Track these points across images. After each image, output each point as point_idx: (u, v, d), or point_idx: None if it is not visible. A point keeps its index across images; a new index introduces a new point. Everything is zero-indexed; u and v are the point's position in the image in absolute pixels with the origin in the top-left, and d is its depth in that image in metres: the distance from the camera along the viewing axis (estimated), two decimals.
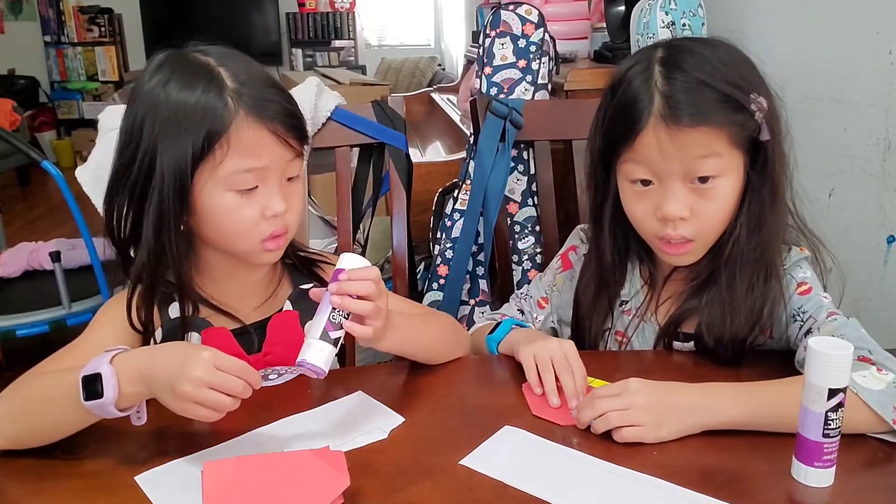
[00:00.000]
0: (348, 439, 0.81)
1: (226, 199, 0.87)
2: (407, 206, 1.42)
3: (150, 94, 0.86)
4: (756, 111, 0.87)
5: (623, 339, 1.04)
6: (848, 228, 1.34)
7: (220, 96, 0.84)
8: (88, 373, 0.75)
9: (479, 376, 1.01)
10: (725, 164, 0.88)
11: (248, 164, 0.86)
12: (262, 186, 0.88)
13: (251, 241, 0.90)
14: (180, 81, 0.85)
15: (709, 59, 0.88)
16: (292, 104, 0.91)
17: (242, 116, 0.85)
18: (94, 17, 6.23)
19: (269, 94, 0.88)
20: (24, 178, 5.29)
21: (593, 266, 1.03)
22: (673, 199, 0.88)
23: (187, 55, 0.89)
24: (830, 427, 0.70)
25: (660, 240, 0.92)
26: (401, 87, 5.60)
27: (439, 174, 2.29)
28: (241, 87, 0.86)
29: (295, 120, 0.90)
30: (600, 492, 0.72)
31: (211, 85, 0.85)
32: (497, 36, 1.74)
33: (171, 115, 0.84)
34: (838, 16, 1.39)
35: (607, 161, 0.95)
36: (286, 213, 0.89)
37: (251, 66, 0.90)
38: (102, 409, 0.74)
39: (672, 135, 0.85)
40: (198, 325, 0.94)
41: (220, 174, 0.85)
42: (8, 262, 2.51)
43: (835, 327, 0.87)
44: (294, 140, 0.89)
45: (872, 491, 0.74)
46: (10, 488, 0.77)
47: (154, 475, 0.75)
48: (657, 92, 0.87)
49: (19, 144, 2.37)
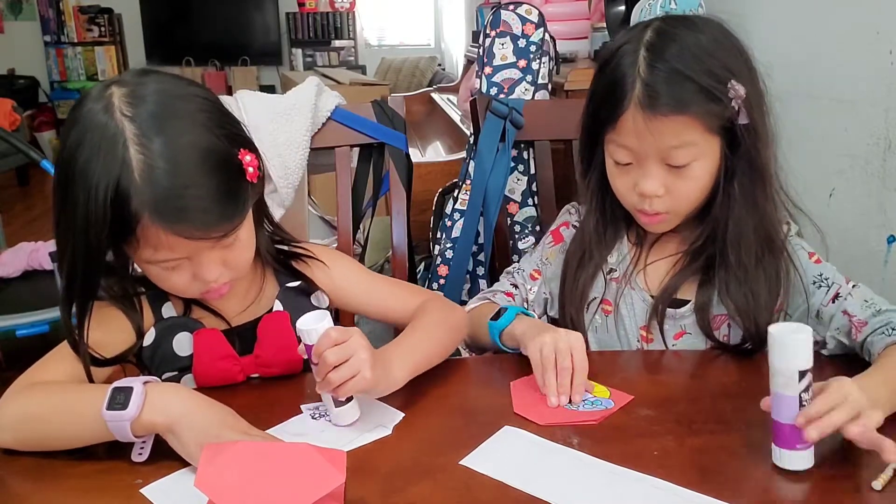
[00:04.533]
0: (353, 437, 0.82)
1: (151, 270, 0.84)
2: (407, 206, 1.42)
3: (68, 150, 0.78)
4: (733, 98, 0.90)
5: (610, 309, 1.05)
6: (848, 228, 1.34)
7: (127, 189, 0.75)
8: (121, 385, 0.76)
9: (479, 376, 1.01)
10: (699, 150, 0.93)
11: (164, 255, 0.81)
12: (189, 261, 0.83)
13: (187, 295, 0.89)
14: (92, 148, 0.76)
15: (691, 47, 0.92)
16: (223, 187, 0.79)
17: (147, 221, 0.76)
18: (94, 16, 6.23)
19: (188, 192, 0.77)
20: (24, 178, 5.28)
21: (581, 232, 1.08)
22: (649, 179, 0.94)
23: (108, 110, 0.77)
24: (804, 408, 0.72)
25: (638, 211, 0.99)
26: (401, 87, 5.60)
27: (439, 174, 2.30)
28: (148, 185, 0.75)
29: (222, 211, 0.79)
30: (600, 492, 0.72)
31: (119, 171, 0.75)
32: (497, 36, 1.74)
33: (82, 182, 0.76)
34: (838, 16, 1.39)
35: (594, 134, 1.01)
36: (222, 275, 0.86)
37: (184, 137, 0.78)
38: (119, 422, 0.75)
39: (648, 121, 0.91)
40: (190, 325, 0.93)
41: (138, 257, 0.82)
42: (8, 262, 2.51)
43: (861, 293, 0.95)
44: (218, 231, 0.80)
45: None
46: (15, 485, 0.78)
47: (161, 485, 0.75)
48: (639, 79, 0.92)
49: (19, 144, 2.38)
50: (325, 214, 2.27)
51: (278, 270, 1.00)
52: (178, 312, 0.94)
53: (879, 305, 0.93)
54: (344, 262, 1.05)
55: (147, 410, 0.75)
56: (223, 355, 0.92)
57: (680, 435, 0.81)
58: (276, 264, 1.00)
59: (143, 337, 0.91)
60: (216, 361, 0.92)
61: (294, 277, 1.00)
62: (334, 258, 1.04)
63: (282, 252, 1.01)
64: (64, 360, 0.88)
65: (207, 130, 0.80)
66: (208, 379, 0.93)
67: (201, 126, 0.80)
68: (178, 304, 0.94)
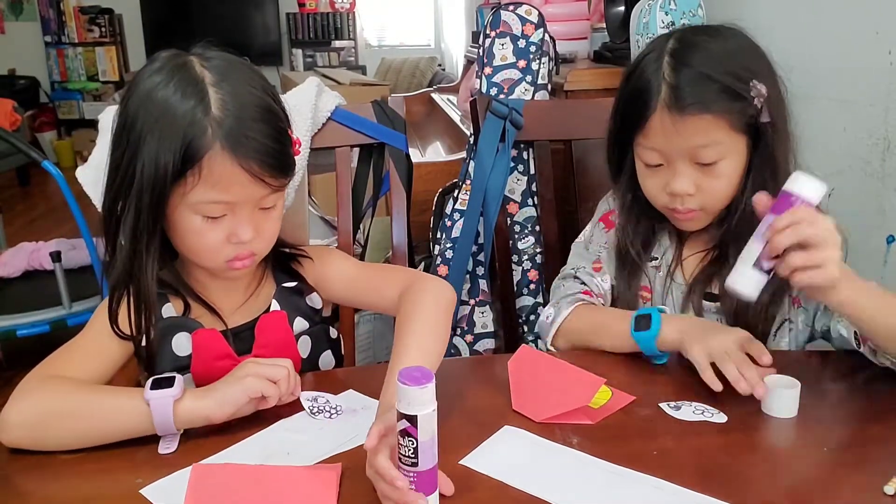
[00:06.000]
0: (353, 436, 0.82)
1: (193, 222, 0.87)
2: (407, 206, 1.42)
3: (145, 93, 0.85)
4: (755, 97, 0.94)
5: (649, 296, 1.09)
6: (848, 228, 1.34)
7: (203, 121, 0.82)
8: (161, 377, 0.81)
9: (479, 376, 1.01)
10: (726, 148, 0.96)
11: (217, 196, 0.85)
12: (231, 216, 0.87)
13: (214, 260, 0.90)
14: (175, 87, 0.83)
15: (714, 52, 0.96)
16: (279, 138, 0.88)
17: (218, 149, 0.82)
18: (94, 17, 6.22)
19: (253, 128, 0.84)
20: (25, 178, 5.29)
21: (620, 231, 1.11)
22: (680, 179, 0.98)
23: (187, 62, 0.86)
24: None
25: (670, 210, 1.02)
26: (401, 87, 5.59)
27: (439, 174, 2.29)
28: (224, 116, 0.83)
29: (277, 158, 0.87)
30: (601, 492, 0.72)
31: (198, 106, 0.83)
32: (497, 36, 1.74)
33: (159, 118, 0.83)
34: (838, 16, 1.39)
35: (622, 140, 1.05)
36: (253, 240, 0.89)
37: (247, 88, 0.87)
38: (162, 401, 0.79)
39: (676, 122, 0.94)
40: (189, 325, 0.94)
41: (189, 200, 0.85)
42: (8, 262, 2.51)
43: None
44: (271, 178, 0.86)
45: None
46: (18, 484, 0.78)
47: (161, 485, 0.75)
48: (664, 83, 0.95)
49: (20, 144, 2.38)
50: (325, 214, 2.27)
51: (276, 269, 1.02)
52: (178, 312, 0.94)
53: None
54: (333, 256, 1.08)
55: (187, 397, 0.80)
56: (222, 355, 0.93)
57: (680, 435, 0.81)
58: (275, 262, 1.02)
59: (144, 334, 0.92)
60: (215, 361, 0.93)
61: (290, 277, 1.02)
62: (322, 253, 1.07)
63: (280, 253, 1.03)
64: (73, 359, 0.89)
65: (264, 92, 0.89)
66: (207, 379, 0.92)
67: (260, 88, 0.89)
68: (177, 304, 0.95)
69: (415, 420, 0.65)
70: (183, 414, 0.80)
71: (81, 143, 5.85)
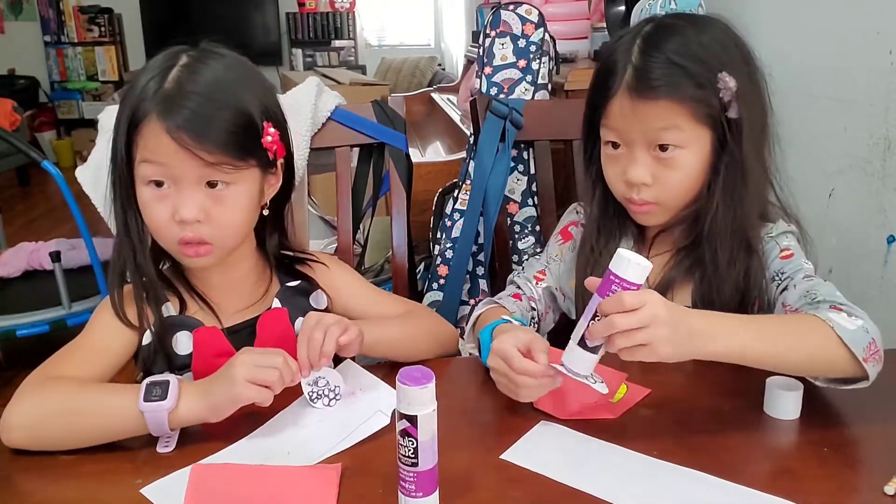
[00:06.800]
0: (353, 429, 0.82)
1: (143, 194, 0.88)
2: (407, 206, 1.42)
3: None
4: (722, 89, 0.91)
5: None
6: (848, 228, 1.34)
7: (151, 92, 0.84)
8: (155, 379, 0.80)
9: (479, 376, 1.01)
10: (686, 137, 0.93)
11: (151, 164, 0.86)
12: (176, 192, 0.87)
13: (168, 240, 0.90)
14: (148, 69, 0.87)
15: (687, 39, 0.93)
16: (233, 120, 0.86)
17: (154, 118, 0.84)
18: (94, 17, 6.22)
19: (193, 99, 0.84)
20: (24, 178, 5.29)
21: (587, 227, 1.09)
22: (636, 166, 0.95)
23: (179, 51, 0.89)
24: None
25: (627, 200, 1.00)
26: (401, 87, 5.59)
27: (439, 174, 2.29)
28: (171, 88, 0.84)
29: (218, 134, 0.84)
30: (641, 484, 0.73)
31: (153, 79, 0.85)
32: (497, 36, 1.74)
33: (127, 94, 0.87)
34: (838, 16, 1.39)
35: (592, 124, 1.02)
36: (201, 225, 0.87)
37: (217, 73, 0.87)
38: (156, 413, 0.78)
39: (635, 105, 0.93)
40: (189, 323, 0.94)
41: (138, 171, 0.87)
42: (8, 262, 2.51)
43: (810, 285, 0.90)
44: (205, 152, 0.84)
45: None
46: (19, 484, 0.78)
47: (161, 485, 0.75)
48: (630, 64, 0.94)
49: (19, 144, 2.38)
50: (325, 214, 2.27)
51: (281, 271, 1.03)
52: (177, 311, 0.94)
53: (821, 297, 0.86)
54: (343, 268, 1.10)
55: (182, 400, 0.80)
56: (222, 353, 0.92)
57: (680, 435, 0.81)
58: (279, 263, 1.03)
59: (143, 332, 0.92)
60: (215, 359, 0.92)
61: (294, 277, 1.02)
62: (335, 262, 1.08)
63: (286, 256, 1.03)
64: (73, 359, 0.89)
65: (243, 88, 0.89)
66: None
67: (241, 81, 0.89)
68: (176, 303, 0.95)
69: (415, 420, 0.65)
70: (178, 422, 0.81)
71: (81, 142, 5.85)
